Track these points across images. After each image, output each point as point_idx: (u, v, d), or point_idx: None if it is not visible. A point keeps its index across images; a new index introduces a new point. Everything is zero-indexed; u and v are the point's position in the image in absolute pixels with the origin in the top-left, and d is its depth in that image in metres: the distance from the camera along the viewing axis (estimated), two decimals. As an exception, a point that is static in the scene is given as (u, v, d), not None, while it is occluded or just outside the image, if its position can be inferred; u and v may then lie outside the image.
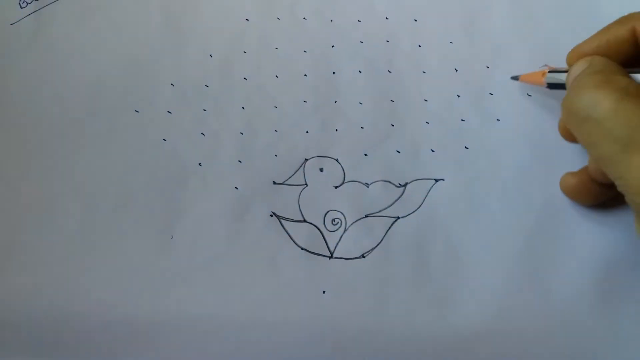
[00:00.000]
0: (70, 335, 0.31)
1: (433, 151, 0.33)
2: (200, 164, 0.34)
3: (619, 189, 0.25)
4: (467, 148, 0.33)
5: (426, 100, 0.35)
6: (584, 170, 0.30)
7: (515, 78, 0.33)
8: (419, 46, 0.36)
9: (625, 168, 0.23)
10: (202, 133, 0.34)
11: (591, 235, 0.31)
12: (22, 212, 0.33)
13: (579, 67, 0.27)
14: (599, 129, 0.24)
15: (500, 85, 0.34)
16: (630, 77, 0.25)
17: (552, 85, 0.31)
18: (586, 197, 0.31)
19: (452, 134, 0.34)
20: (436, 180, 0.33)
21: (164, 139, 0.34)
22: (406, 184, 0.33)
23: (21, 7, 0.38)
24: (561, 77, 0.30)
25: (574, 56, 0.29)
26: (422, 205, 0.32)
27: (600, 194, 0.30)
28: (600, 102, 0.24)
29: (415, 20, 0.37)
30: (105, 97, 0.35)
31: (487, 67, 0.35)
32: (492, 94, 0.34)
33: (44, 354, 0.30)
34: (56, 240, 0.32)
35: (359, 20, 0.37)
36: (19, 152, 0.34)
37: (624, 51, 0.28)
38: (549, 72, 0.31)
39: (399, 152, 0.33)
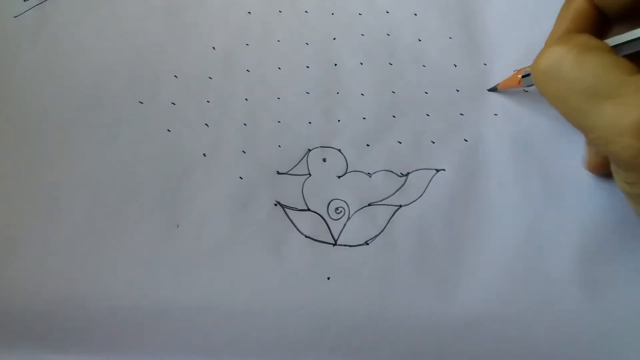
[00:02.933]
0: (76, 324, 0.31)
1: (434, 142, 0.34)
2: (204, 154, 0.34)
3: (593, 142, 0.25)
4: (466, 141, 0.34)
5: (426, 93, 0.35)
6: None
7: (493, 89, 0.35)
8: (419, 40, 0.37)
9: (595, 118, 0.24)
10: (206, 124, 0.35)
11: (586, 222, 0.31)
12: (28, 203, 0.33)
13: None
14: (566, 83, 0.25)
15: (497, 81, 0.35)
16: (590, 35, 0.26)
17: (530, 86, 0.32)
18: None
19: (451, 127, 0.34)
20: (437, 171, 0.33)
21: (168, 130, 0.35)
22: (408, 173, 0.33)
23: (24, 0, 0.38)
24: None
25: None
26: (423, 194, 0.33)
27: None
28: (563, 57, 0.25)
29: (415, 15, 0.37)
30: (109, 88, 0.36)
31: (485, 65, 0.36)
32: (489, 90, 0.35)
33: (50, 343, 0.31)
34: (62, 230, 0.33)
35: (359, 14, 0.37)
36: (24, 144, 0.35)
37: (592, 19, 0.28)
38: (523, 76, 0.31)
39: (400, 142, 0.34)
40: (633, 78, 0.23)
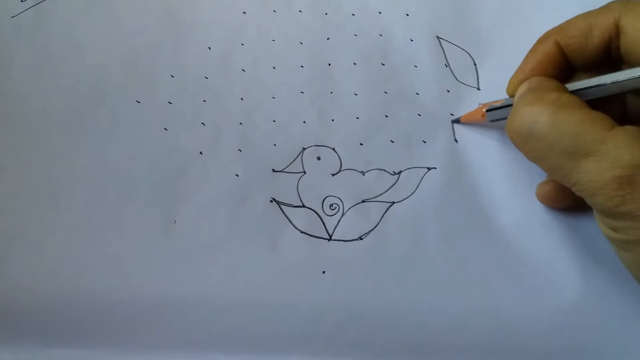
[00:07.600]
0: (75, 319, 0.31)
1: (425, 142, 0.35)
2: (201, 153, 0.35)
3: (578, 193, 0.25)
4: (456, 141, 0.35)
5: (418, 94, 0.36)
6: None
7: (456, 121, 0.35)
8: (411, 40, 0.37)
9: (577, 175, 0.24)
10: (202, 123, 0.35)
11: (576, 216, 0.32)
12: (26, 201, 0.34)
13: (521, 90, 0.28)
14: (543, 144, 0.25)
15: (487, 82, 0.36)
16: (562, 90, 0.26)
17: (494, 120, 0.32)
18: (561, 202, 0.32)
19: (442, 127, 0.35)
20: (428, 169, 0.34)
21: (165, 129, 0.35)
22: (400, 171, 0.34)
23: (22, 0, 0.38)
24: (500, 113, 0.31)
25: (512, 86, 0.30)
26: (415, 192, 0.33)
27: (573, 198, 0.30)
28: (537, 118, 0.25)
29: (407, 15, 0.38)
30: (107, 88, 0.36)
31: (475, 64, 0.37)
32: (479, 90, 0.36)
33: (50, 338, 0.31)
34: (61, 227, 0.33)
35: (352, 14, 0.38)
36: (22, 143, 0.35)
37: (558, 65, 0.29)
38: (487, 110, 0.32)
39: (392, 142, 0.35)
40: (610, 133, 0.23)
